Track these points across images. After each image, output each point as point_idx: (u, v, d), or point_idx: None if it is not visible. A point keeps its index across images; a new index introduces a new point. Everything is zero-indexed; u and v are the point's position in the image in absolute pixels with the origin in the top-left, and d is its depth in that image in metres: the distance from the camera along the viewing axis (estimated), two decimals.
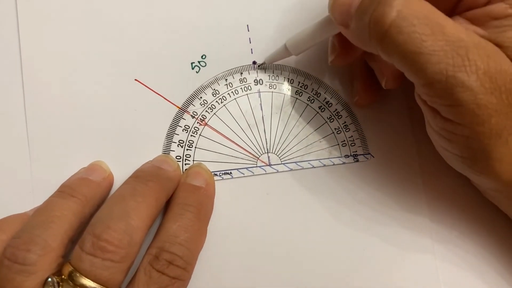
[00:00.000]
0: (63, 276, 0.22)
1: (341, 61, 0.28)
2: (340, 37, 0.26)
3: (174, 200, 0.27)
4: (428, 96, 0.22)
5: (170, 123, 0.29)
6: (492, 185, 0.25)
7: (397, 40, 0.21)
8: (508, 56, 0.22)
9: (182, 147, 0.29)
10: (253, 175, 0.29)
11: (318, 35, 0.27)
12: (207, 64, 0.30)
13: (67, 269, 0.22)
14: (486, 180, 0.24)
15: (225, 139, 0.30)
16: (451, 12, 0.25)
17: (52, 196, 0.26)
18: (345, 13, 0.23)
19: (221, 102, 0.30)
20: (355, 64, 0.30)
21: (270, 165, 0.29)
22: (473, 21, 0.24)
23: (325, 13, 0.25)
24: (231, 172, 0.29)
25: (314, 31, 0.27)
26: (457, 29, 0.21)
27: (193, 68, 0.30)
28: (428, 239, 0.29)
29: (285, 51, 0.29)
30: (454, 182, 0.30)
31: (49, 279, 0.22)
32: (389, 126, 0.30)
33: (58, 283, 0.22)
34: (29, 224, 0.24)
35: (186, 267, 0.24)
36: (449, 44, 0.21)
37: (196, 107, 0.30)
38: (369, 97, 0.30)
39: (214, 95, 0.30)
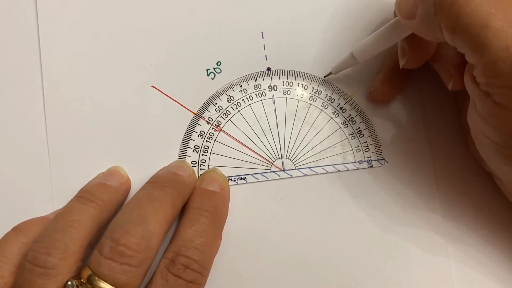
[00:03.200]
0: (82, 280, 0.23)
1: (412, 64, 0.27)
2: (409, 40, 0.26)
3: (190, 205, 0.27)
4: (487, 77, 0.21)
5: (186, 129, 0.30)
6: None
7: (464, 11, 0.20)
8: None
9: (197, 152, 0.30)
10: (267, 180, 0.29)
11: (385, 41, 0.27)
12: (222, 71, 0.31)
13: (86, 273, 0.23)
14: None
15: (240, 144, 0.30)
16: None
17: (72, 201, 0.27)
18: (411, 4, 0.23)
19: (236, 108, 0.30)
20: (385, 58, 0.30)
21: (284, 170, 0.30)
22: None
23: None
24: (245, 177, 0.29)
25: (381, 37, 0.27)
26: None
27: (208, 75, 0.31)
28: (443, 242, 0.29)
29: (352, 59, 0.29)
30: (468, 186, 0.30)
31: (69, 282, 0.23)
32: (403, 132, 0.30)
33: (77, 286, 0.23)
34: (50, 228, 0.24)
35: (201, 271, 0.24)
36: None
37: (212, 113, 0.30)
38: (384, 92, 0.30)
39: (229, 101, 0.30)
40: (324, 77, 0.31)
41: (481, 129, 0.24)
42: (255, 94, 0.31)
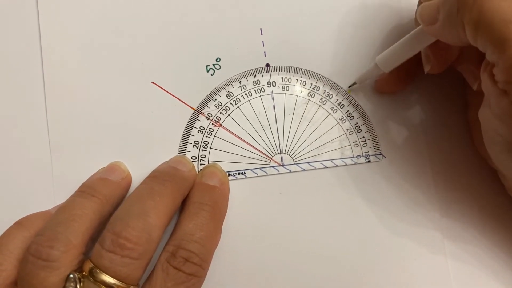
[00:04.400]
0: (84, 273, 0.23)
1: (436, 69, 0.28)
2: (433, 47, 0.26)
3: (190, 199, 0.27)
4: (507, 75, 0.21)
5: (185, 124, 0.30)
6: None
7: (487, 6, 0.20)
8: None
9: (197, 147, 0.30)
10: (267, 175, 0.30)
11: (409, 49, 0.27)
12: (221, 67, 0.31)
13: (88, 265, 0.23)
14: None
15: (239, 140, 0.30)
16: None
17: (73, 195, 0.27)
18: (433, 10, 0.24)
19: (235, 104, 0.31)
20: None
21: (283, 165, 0.30)
22: None
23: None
24: (245, 172, 0.30)
25: (404, 46, 0.27)
26: None
27: (208, 71, 0.31)
28: (439, 236, 0.29)
29: (376, 68, 0.29)
30: (465, 182, 0.30)
31: (71, 275, 0.23)
32: (400, 127, 0.31)
33: (79, 279, 0.23)
34: (52, 222, 0.25)
35: (201, 264, 0.25)
36: None
37: (211, 108, 0.31)
38: (391, 84, 0.30)
39: (228, 97, 0.31)
40: (349, 87, 0.31)
41: (493, 127, 0.24)
42: (254, 90, 0.31)
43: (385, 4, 0.32)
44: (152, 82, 0.31)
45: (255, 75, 0.31)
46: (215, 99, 0.31)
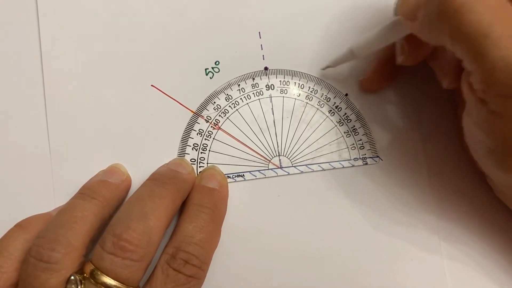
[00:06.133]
0: (85, 275, 0.23)
1: (409, 61, 0.28)
2: (408, 39, 0.26)
3: (190, 201, 0.28)
4: (484, 85, 0.21)
5: (185, 127, 0.30)
6: None
7: (466, 19, 0.21)
8: None
9: (196, 150, 0.30)
10: (265, 177, 0.30)
11: (385, 38, 0.27)
12: (220, 70, 0.31)
13: (89, 267, 0.23)
14: (509, 178, 0.24)
15: (238, 142, 0.30)
16: None
17: (74, 198, 0.27)
18: (414, 6, 0.24)
19: (234, 107, 0.31)
20: (381, 50, 0.30)
21: (281, 167, 0.30)
22: None
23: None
24: (243, 175, 0.30)
25: (381, 34, 0.27)
26: None
27: (207, 74, 0.31)
28: (436, 238, 0.29)
29: (350, 54, 0.29)
30: (461, 183, 0.30)
31: (72, 277, 0.23)
32: (397, 130, 0.31)
33: (80, 281, 0.23)
34: (53, 224, 0.25)
35: (201, 266, 0.25)
36: None
37: (210, 111, 0.31)
38: (375, 81, 0.30)
39: (227, 100, 0.31)
40: (322, 69, 0.31)
41: (474, 133, 0.25)
42: (253, 93, 0.31)
43: (384, 7, 0.32)
44: (152, 85, 0.31)
45: (254, 78, 0.31)
46: (214, 102, 0.31)
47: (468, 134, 0.26)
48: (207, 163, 0.30)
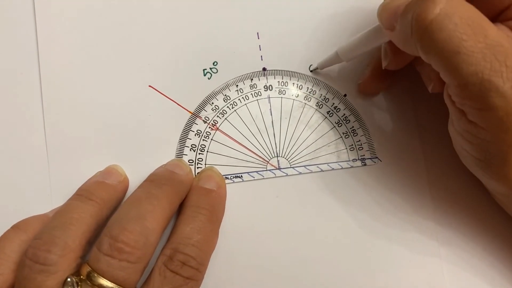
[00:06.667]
0: (81, 276, 0.23)
1: (393, 65, 0.28)
2: (391, 44, 0.26)
3: (187, 202, 0.27)
4: (459, 98, 0.22)
5: (182, 128, 0.30)
6: (503, 190, 0.25)
7: (437, 37, 0.21)
8: None
9: (194, 151, 0.30)
10: (263, 178, 0.30)
11: (368, 43, 0.27)
12: (218, 71, 0.31)
13: (85, 269, 0.23)
14: (497, 184, 0.25)
15: (236, 143, 0.30)
16: (495, 19, 0.25)
17: (71, 199, 0.27)
18: (392, 16, 0.24)
19: (232, 108, 0.31)
20: (375, 52, 0.30)
21: (279, 168, 0.30)
22: None
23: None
24: (242, 176, 0.30)
25: (364, 39, 0.27)
26: (499, 34, 0.21)
27: (205, 75, 0.31)
28: (434, 241, 0.29)
29: (336, 57, 0.29)
30: (460, 186, 0.30)
31: (68, 279, 0.23)
32: (396, 131, 0.31)
33: (77, 283, 0.23)
34: (49, 225, 0.25)
35: (199, 267, 0.25)
36: (489, 48, 0.20)
37: (208, 112, 0.31)
38: (372, 85, 0.30)
39: (225, 100, 0.31)
40: (311, 70, 0.31)
41: (458, 142, 0.25)
42: (251, 93, 0.31)
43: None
44: (150, 86, 0.31)
45: (252, 79, 0.31)
46: (212, 103, 0.31)
47: (454, 142, 0.26)
48: (205, 164, 0.30)
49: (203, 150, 0.30)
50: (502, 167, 0.23)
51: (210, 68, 0.31)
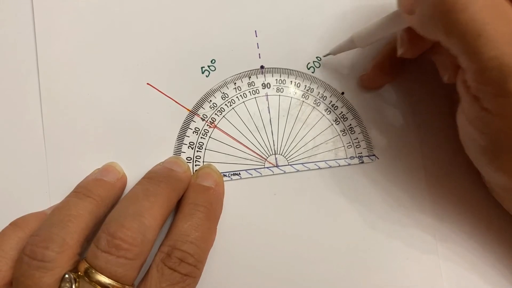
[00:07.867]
0: (79, 273, 0.23)
1: (409, 53, 0.28)
2: (408, 31, 0.26)
3: (185, 200, 0.27)
4: (476, 83, 0.22)
5: (181, 125, 0.30)
6: (505, 183, 0.25)
7: (460, 18, 0.21)
8: None
9: (192, 148, 0.30)
10: (261, 176, 0.30)
11: (385, 29, 0.27)
12: (216, 69, 0.31)
13: (83, 266, 0.23)
14: (501, 176, 0.24)
15: (234, 141, 0.30)
16: None
17: (69, 196, 0.27)
18: (412, 0, 0.24)
19: (230, 105, 0.31)
20: (383, 45, 0.30)
21: (277, 166, 0.30)
22: None
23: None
24: (239, 173, 0.30)
25: (381, 24, 0.27)
26: None
27: (203, 72, 0.31)
28: (432, 238, 0.29)
29: (351, 43, 0.29)
30: (457, 182, 0.30)
31: (66, 276, 0.23)
32: (393, 128, 0.31)
33: (74, 279, 0.23)
34: (47, 222, 0.25)
35: (196, 264, 0.25)
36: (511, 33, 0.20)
37: (206, 110, 0.31)
38: (375, 79, 0.30)
39: (223, 98, 0.31)
40: (323, 56, 0.31)
41: (467, 131, 0.25)
42: (249, 91, 0.31)
43: (381, 7, 0.32)
44: (148, 84, 0.31)
45: (250, 77, 0.31)
46: (210, 101, 0.31)
47: (462, 131, 0.26)
48: (203, 162, 0.30)
49: (201, 147, 0.30)
50: (510, 158, 0.23)
51: (208, 66, 0.31)
